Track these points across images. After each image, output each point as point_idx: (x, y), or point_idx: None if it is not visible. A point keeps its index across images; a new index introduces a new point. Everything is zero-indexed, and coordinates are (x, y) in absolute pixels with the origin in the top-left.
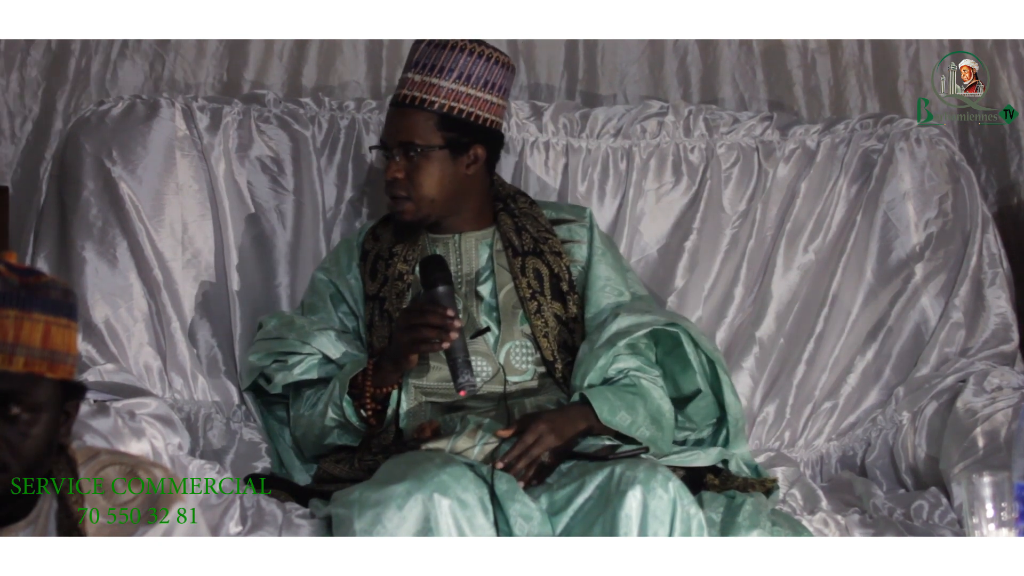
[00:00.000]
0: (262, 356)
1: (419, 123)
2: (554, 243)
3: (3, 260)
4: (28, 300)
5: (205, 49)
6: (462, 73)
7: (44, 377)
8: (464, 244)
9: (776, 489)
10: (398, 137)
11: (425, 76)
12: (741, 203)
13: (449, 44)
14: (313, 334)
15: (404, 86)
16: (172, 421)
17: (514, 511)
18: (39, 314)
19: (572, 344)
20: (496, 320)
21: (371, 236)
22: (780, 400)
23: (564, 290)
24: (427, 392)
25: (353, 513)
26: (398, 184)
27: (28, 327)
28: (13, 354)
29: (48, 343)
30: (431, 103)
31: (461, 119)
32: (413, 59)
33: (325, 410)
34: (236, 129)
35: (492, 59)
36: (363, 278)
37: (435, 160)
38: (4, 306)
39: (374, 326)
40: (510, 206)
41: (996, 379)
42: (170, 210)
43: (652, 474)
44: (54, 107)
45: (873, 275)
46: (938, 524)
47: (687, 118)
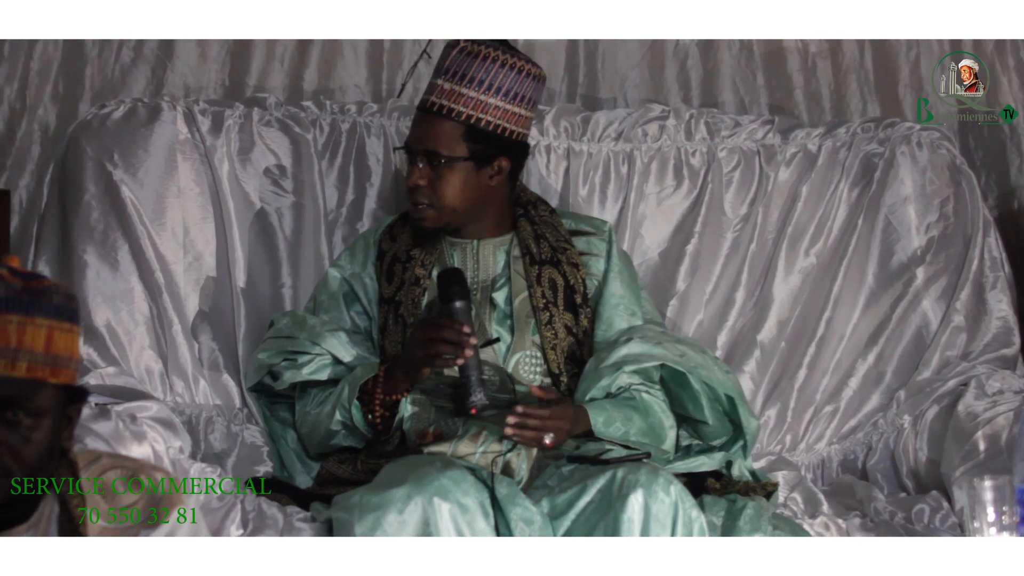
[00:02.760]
0: (272, 354)
1: (445, 132)
2: (572, 254)
3: (5, 265)
4: (31, 305)
5: (207, 53)
6: (492, 84)
7: (46, 382)
8: (482, 250)
9: (775, 492)
10: (423, 144)
11: (454, 84)
12: (742, 207)
13: (481, 53)
14: (324, 335)
15: (432, 92)
16: (173, 424)
17: (515, 515)
18: (42, 319)
19: (580, 357)
20: (509, 328)
21: (388, 235)
22: (781, 404)
23: (577, 303)
24: (432, 396)
25: (353, 517)
26: (420, 192)
27: (31, 332)
28: (16, 359)
29: (51, 348)
30: (458, 113)
31: (488, 131)
32: (444, 65)
33: (333, 411)
34: (237, 132)
35: (524, 71)
36: (379, 279)
37: (458, 171)
38: (7, 311)
39: (388, 329)
40: (530, 213)
41: (997, 383)
42: (171, 213)
43: (654, 478)
44: (56, 111)
45: (874, 279)
46: (939, 528)
47: (688, 122)
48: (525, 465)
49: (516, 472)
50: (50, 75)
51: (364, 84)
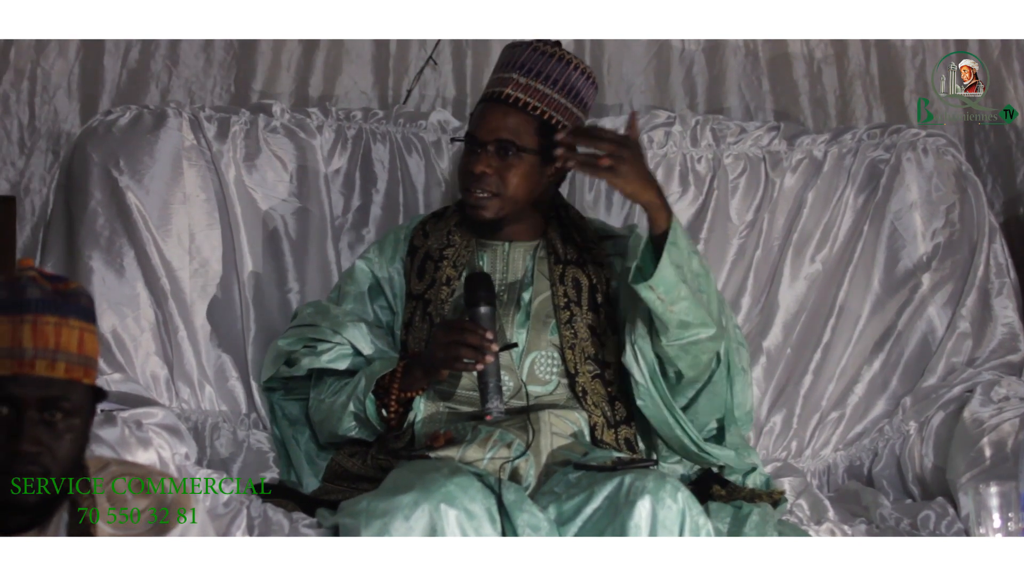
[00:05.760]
0: (292, 341)
1: (519, 124)
2: (599, 254)
3: (33, 268)
4: (64, 307)
5: (212, 59)
6: (566, 85)
7: (81, 383)
8: (512, 253)
9: (784, 501)
10: (496, 134)
11: (531, 80)
12: (748, 213)
13: (557, 54)
14: (346, 324)
15: (507, 85)
16: (179, 430)
17: (522, 521)
18: (75, 320)
19: (601, 358)
20: (527, 328)
21: (420, 232)
22: (787, 410)
23: (599, 302)
24: (446, 398)
25: (360, 523)
26: (486, 179)
27: (66, 334)
28: (55, 360)
29: (83, 349)
30: (534, 107)
31: (556, 128)
32: (518, 60)
33: (347, 402)
34: (243, 139)
35: (589, 76)
36: (408, 275)
37: (527, 162)
38: (44, 312)
39: (413, 325)
40: (561, 215)
41: (1003, 389)
42: (177, 220)
43: (661, 484)
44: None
45: (880, 285)
46: (945, 534)
47: (694, 128)
48: (533, 471)
49: (524, 478)
50: (56, 81)
51: (370, 90)
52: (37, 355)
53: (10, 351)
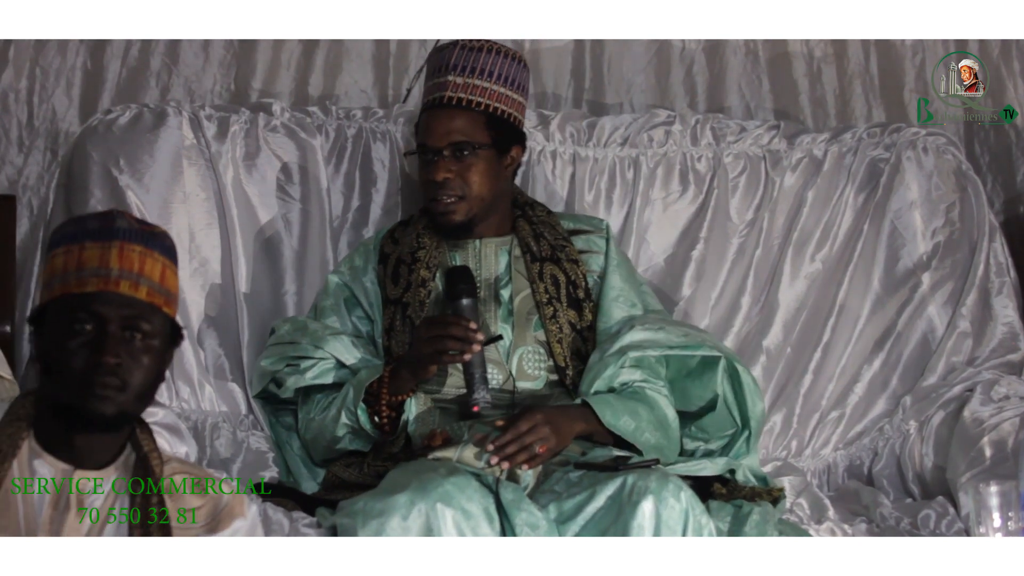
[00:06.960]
0: (275, 360)
1: (469, 123)
2: (571, 251)
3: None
4: (150, 240)
5: (212, 58)
6: (501, 75)
7: (161, 309)
8: (484, 250)
9: (783, 498)
10: (449, 138)
11: (467, 78)
12: (748, 212)
13: (484, 47)
14: (327, 339)
15: (447, 88)
16: (179, 430)
17: (520, 520)
18: (158, 254)
19: (585, 352)
20: (511, 325)
21: (389, 239)
22: (787, 409)
23: (580, 298)
24: (436, 397)
25: (357, 522)
26: (449, 184)
27: (150, 263)
28: (139, 283)
29: (164, 282)
30: (478, 104)
31: (504, 119)
32: (450, 62)
33: (338, 415)
34: (243, 138)
35: (519, 60)
36: (383, 281)
37: (484, 159)
38: (131, 241)
39: (394, 330)
40: (528, 213)
41: (1003, 388)
42: (177, 219)
43: (664, 484)
44: (63, 115)
45: (880, 284)
46: (945, 533)
47: (694, 127)
48: (532, 471)
49: (522, 478)
50: (56, 80)
51: (370, 89)
52: (122, 276)
53: (97, 270)
